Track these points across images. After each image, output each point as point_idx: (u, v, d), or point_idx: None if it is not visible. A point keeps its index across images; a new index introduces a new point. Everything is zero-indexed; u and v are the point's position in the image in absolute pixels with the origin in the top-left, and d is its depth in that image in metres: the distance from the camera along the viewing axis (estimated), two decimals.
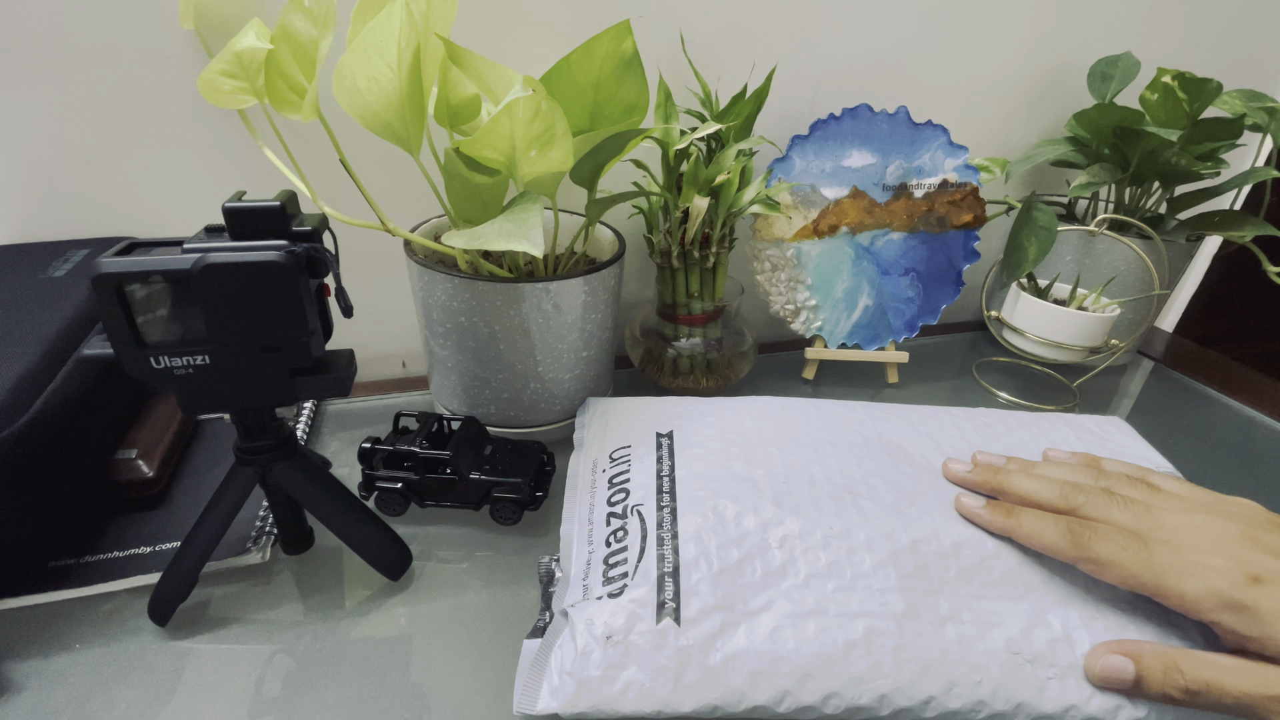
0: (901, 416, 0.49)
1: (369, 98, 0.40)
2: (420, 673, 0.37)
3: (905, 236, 0.64)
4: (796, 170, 0.61)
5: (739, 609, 0.34)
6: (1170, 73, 0.61)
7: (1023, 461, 0.41)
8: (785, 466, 0.41)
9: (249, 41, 0.43)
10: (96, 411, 0.44)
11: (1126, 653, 0.32)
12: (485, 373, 0.50)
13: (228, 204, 0.31)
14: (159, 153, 0.53)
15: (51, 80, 0.49)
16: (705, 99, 0.57)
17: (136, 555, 0.42)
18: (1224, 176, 0.64)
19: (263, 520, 0.45)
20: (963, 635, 0.34)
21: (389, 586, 0.42)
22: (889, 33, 0.65)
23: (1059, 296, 0.65)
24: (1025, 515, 0.36)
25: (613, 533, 0.39)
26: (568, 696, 0.32)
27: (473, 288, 0.46)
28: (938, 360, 0.72)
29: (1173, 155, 0.60)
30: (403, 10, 0.37)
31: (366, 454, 0.46)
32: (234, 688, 0.36)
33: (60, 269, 0.49)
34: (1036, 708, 0.33)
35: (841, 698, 0.32)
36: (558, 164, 0.41)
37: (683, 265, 0.57)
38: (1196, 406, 0.66)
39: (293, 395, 0.35)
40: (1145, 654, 0.32)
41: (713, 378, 0.61)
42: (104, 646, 0.38)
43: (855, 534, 0.36)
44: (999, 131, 0.74)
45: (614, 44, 0.42)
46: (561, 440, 0.54)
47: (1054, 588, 0.36)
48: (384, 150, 0.54)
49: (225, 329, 0.32)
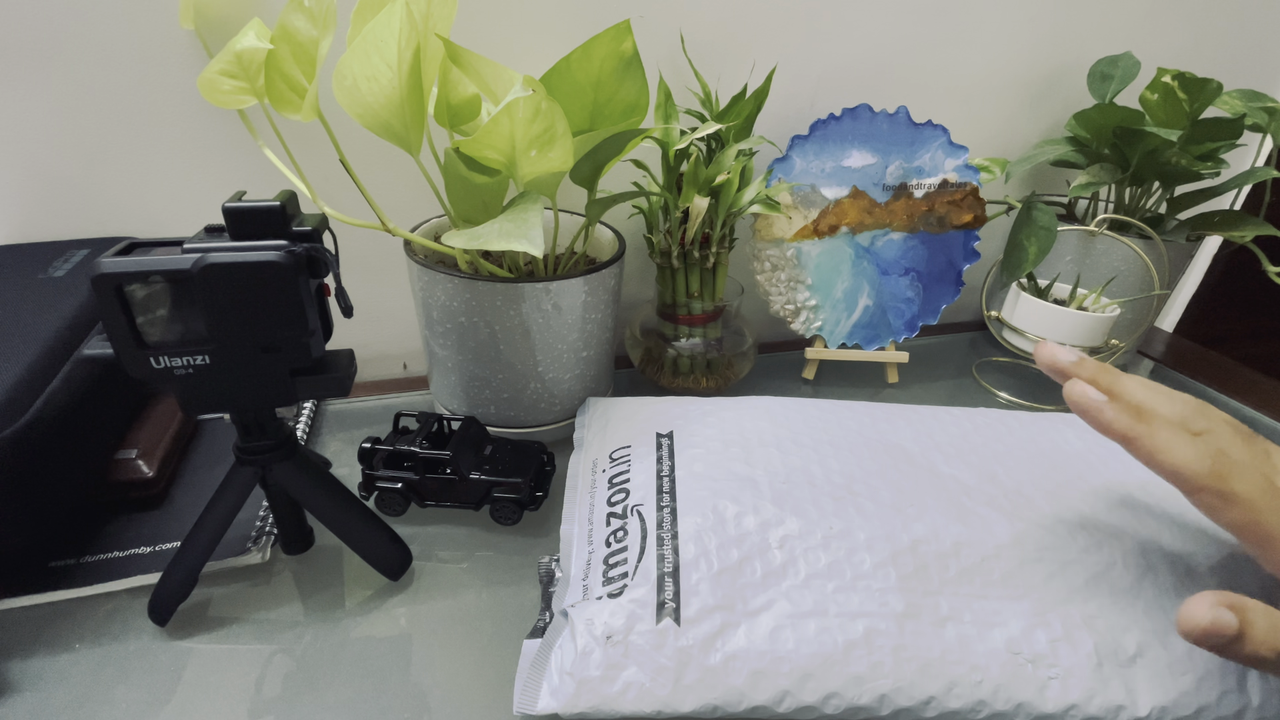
0: (901, 416, 0.49)
1: (369, 98, 0.40)
2: (420, 673, 0.37)
3: (905, 236, 0.64)
4: (796, 170, 0.61)
5: (739, 609, 0.34)
6: (1170, 73, 0.61)
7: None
8: (785, 467, 0.41)
9: (249, 41, 0.43)
10: (96, 411, 0.44)
11: (1231, 605, 0.29)
12: (485, 373, 0.50)
13: (228, 204, 0.31)
14: (159, 153, 0.53)
15: (51, 80, 0.49)
16: (705, 99, 0.57)
17: (136, 555, 0.42)
18: (1224, 176, 0.64)
19: (263, 520, 0.45)
20: (963, 635, 0.34)
21: (389, 586, 0.42)
22: (889, 33, 0.65)
23: (1059, 296, 0.65)
24: (1159, 423, 0.32)
25: (613, 533, 0.39)
26: (568, 696, 0.32)
27: (473, 288, 0.46)
28: (938, 360, 0.72)
29: (1173, 155, 0.60)
30: (403, 10, 0.37)
31: (366, 454, 0.46)
32: (234, 688, 0.36)
33: (60, 269, 0.49)
34: (1037, 708, 0.33)
35: (842, 698, 0.32)
36: (558, 164, 0.41)
37: (683, 265, 0.57)
38: None
39: (293, 395, 0.35)
40: (1249, 608, 0.29)
41: (713, 378, 0.61)
42: (104, 646, 0.38)
43: (855, 534, 0.36)
44: (999, 131, 0.74)
45: (614, 44, 0.42)
46: (561, 440, 0.54)
47: (1055, 587, 0.36)
48: (384, 150, 0.54)
49: (225, 329, 0.32)
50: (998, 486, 0.42)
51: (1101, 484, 0.43)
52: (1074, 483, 0.43)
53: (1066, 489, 0.42)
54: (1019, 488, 0.42)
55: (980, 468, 0.43)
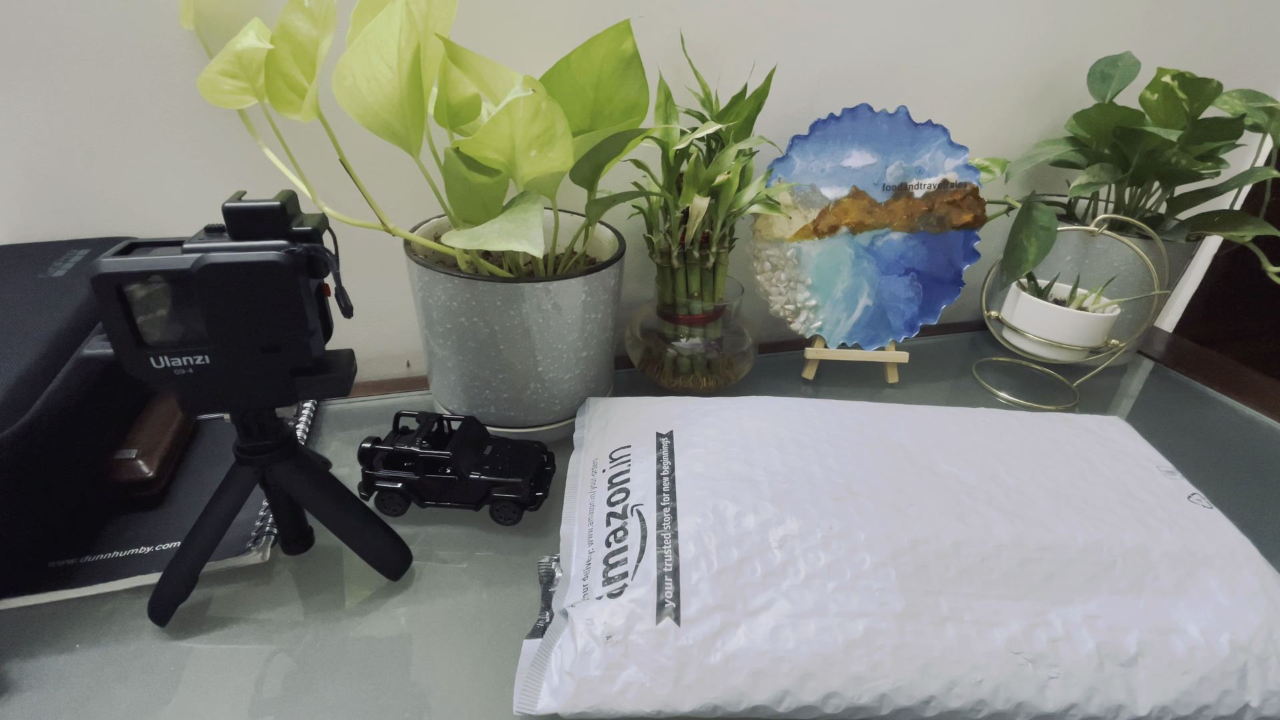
0: (901, 416, 0.49)
1: (369, 98, 0.40)
2: (420, 673, 0.37)
3: (905, 236, 0.64)
4: (796, 170, 0.61)
5: (739, 609, 0.34)
6: (1170, 73, 0.61)
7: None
8: (785, 466, 0.41)
9: (249, 41, 0.43)
10: (96, 411, 0.44)
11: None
12: (485, 373, 0.50)
13: (228, 204, 0.31)
14: (159, 153, 0.53)
15: (51, 80, 0.49)
16: (705, 99, 0.57)
17: (136, 555, 0.42)
18: (1224, 176, 0.64)
19: (263, 520, 0.45)
20: (963, 635, 0.34)
21: (389, 586, 0.42)
22: (889, 33, 0.65)
23: (1059, 296, 0.65)
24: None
25: (613, 533, 0.39)
26: (568, 696, 0.32)
27: (473, 288, 0.46)
28: (938, 360, 0.72)
29: (1173, 155, 0.60)
30: (403, 10, 0.37)
31: (366, 454, 0.46)
32: (234, 688, 0.36)
33: (60, 269, 0.49)
34: (1037, 707, 0.33)
35: (842, 697, 0.32)
36: (558, 164, 0.41)
37: (683, 265, 0.57)
38: (1196, 406, 0.66)
39: (293, 395, 0.35)
40: None
41: (713, 378, 0.61)
42: (104, 646, 0.38)
43: (855, 534, 0.36)
44: (999, 131, 0.74)
45: (614, 44, 0.42)
46: (561, 440, 0.54)
47: (1055, 587, 0.36)
48: (384, 150, 0.54)
49: (225, 329, 0.32)
50: (998, 486, 0.42)
51: (1101, 484, 0.43)
52: (1074, 482, 0.43)
53: (1066, 489, 0.42)
54: (1019, 487, 0.42)
55: (980, 467, 0.43)
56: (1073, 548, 0.37)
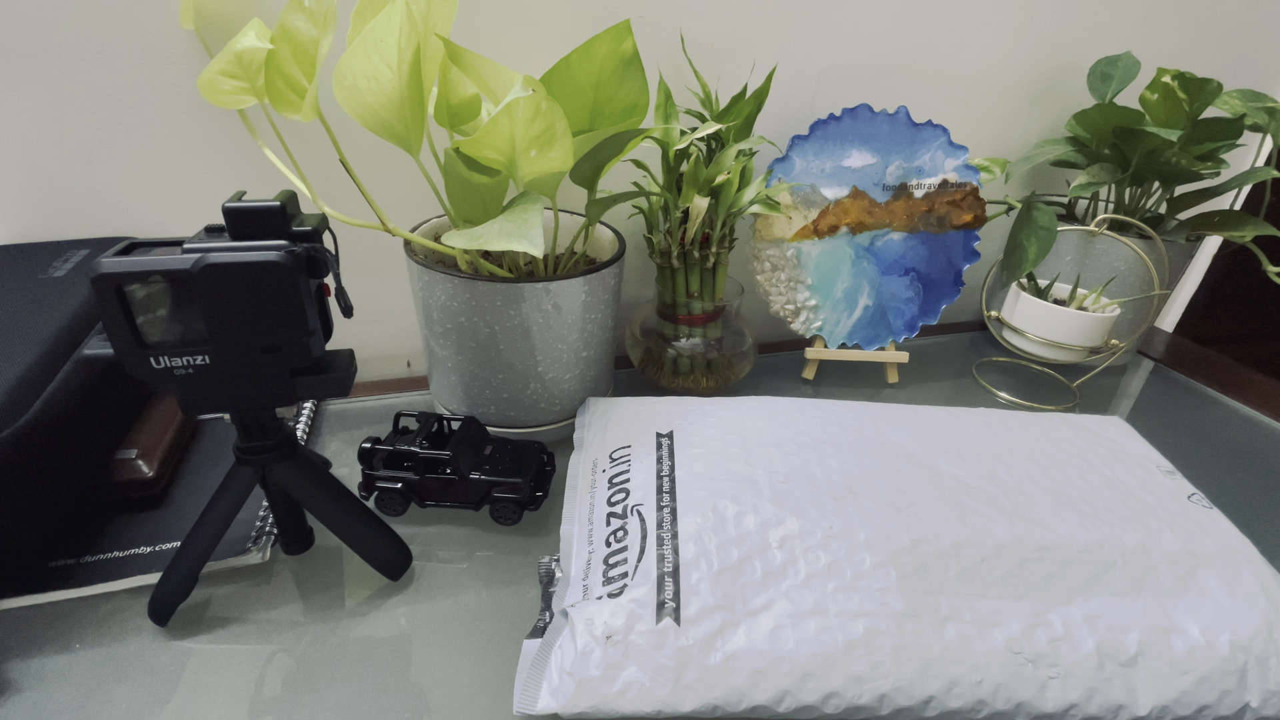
0: (901, 416, 0.49)
1: (369, 98, 0.40)
2: (420, 673, 0.37)
3: (905, 236, 0.64)
4: (796, 170, 0.61)
5: (739, 609, 0.34)
6: (1170, 73, 0.61)
7: None
8: (785, 466, 0.41)
9: (249, 41, 0.43)
10: (96, 411, 0.44)
11: None
12: (485, 373, 0.50)
13: (228, 204, 0.31)
14: (159, 153, 0.53)
15: (51, 80, 0.49)
16: (705, 99, 0.57)
17: (136, 555, 0.42)
18: (1224, 176, 0.64)
19: (263, 520, 0.45)
20: (963, 635, 0.34)
21: (389, 586, 0.42)
22: (889, 33, 0.65)
23: (1059, 296, 0.65)
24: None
25: (613, 533, 0.39)
26: (568, 696, 0.32)
27: (473, 288, 0.46)
28: (938, 360, 0.72)
29: (1173, 155, 0.60)
30: (403, 10, 0.37)
31: (366, 454, 0.46)
32: (234, 688, 0.36)
33: (60, 269, 0.49)
34: (1037, 707, 0.33)
35: (842, 697, 0.32)
36: (558, 164, 0.41)
37: (683, 265, 0.57)
38: (1196, 406, 0.66)
39: (293, 395, 0.35)
40: None
41: (713, 378, 0.61)
42: (104, 646, 0.38)
43: (855, 534, 0.36)
44: (999, 131, 0.74)
45: (614, 44, 0.42)
46: (561, 440, 0.54)
47: (1055, 587, 0.36)
48: (384, 150, 0.54)
49: (225, 329, 0.32)
50: (998, 486, 0.42)
51: (1101, 484, 0.43)
52: (1074, 482, 0.43)
53: (1066, 489, 0.42)
54: (1019, 487, 0.42)
55: (980, 467, 0.43)
56: (1073, 548, 0.37)
